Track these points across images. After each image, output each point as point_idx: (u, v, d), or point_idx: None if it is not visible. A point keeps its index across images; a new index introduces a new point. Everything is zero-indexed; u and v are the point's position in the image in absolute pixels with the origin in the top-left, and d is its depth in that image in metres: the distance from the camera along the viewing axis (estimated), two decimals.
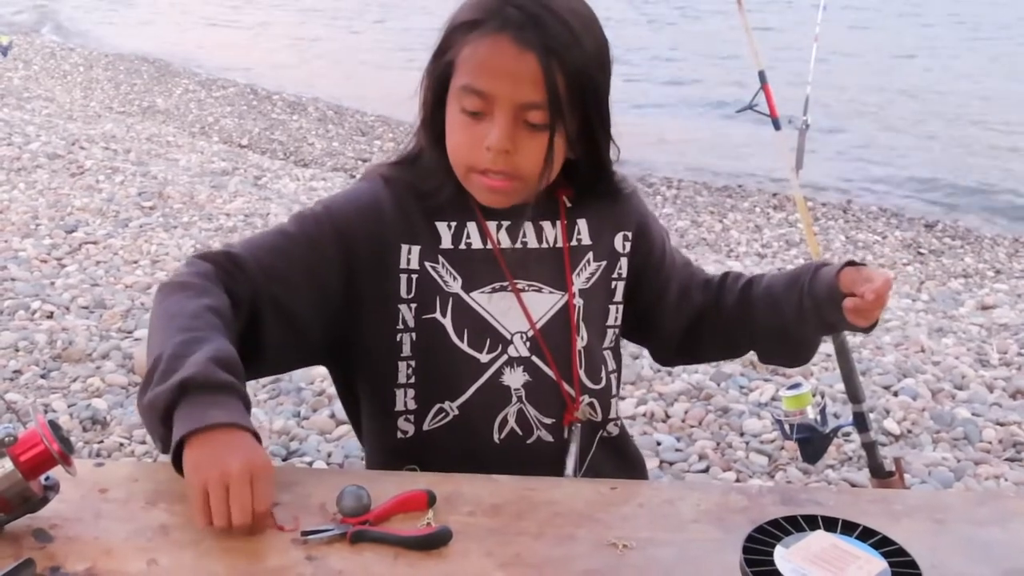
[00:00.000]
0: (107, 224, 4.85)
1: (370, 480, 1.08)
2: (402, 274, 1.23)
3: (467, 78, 1.15)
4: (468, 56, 1.15)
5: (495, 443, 1.25)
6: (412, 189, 1.25)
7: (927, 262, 5.76)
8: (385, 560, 0.98)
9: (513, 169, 1.16)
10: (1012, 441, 3.02)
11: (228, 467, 0.96)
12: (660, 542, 1.03)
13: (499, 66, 1.13)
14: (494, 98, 1.13)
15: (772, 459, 2.88)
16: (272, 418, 2.96)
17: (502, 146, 1.14)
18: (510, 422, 1.25)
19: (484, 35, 1.13)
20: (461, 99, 1.16)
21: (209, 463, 0.97)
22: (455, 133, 1.19)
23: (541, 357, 1.25)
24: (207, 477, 0.97)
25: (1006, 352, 3.83)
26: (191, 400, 1.01)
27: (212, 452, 0.98)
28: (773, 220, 6.49)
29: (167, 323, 1.10)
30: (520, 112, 1.14)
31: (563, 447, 1.26)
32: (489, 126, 1.14)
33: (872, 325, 1.23)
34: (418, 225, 1.24)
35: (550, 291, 1.26)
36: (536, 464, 1.22)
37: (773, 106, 2.45)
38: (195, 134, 8.27)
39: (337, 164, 7.62)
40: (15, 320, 3.56)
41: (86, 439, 2.80)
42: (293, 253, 1.20)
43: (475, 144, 1.16)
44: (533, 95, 1.13)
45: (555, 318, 1.26)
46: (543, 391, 1.25)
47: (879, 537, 0.94)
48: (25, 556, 0.95)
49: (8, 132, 6.78)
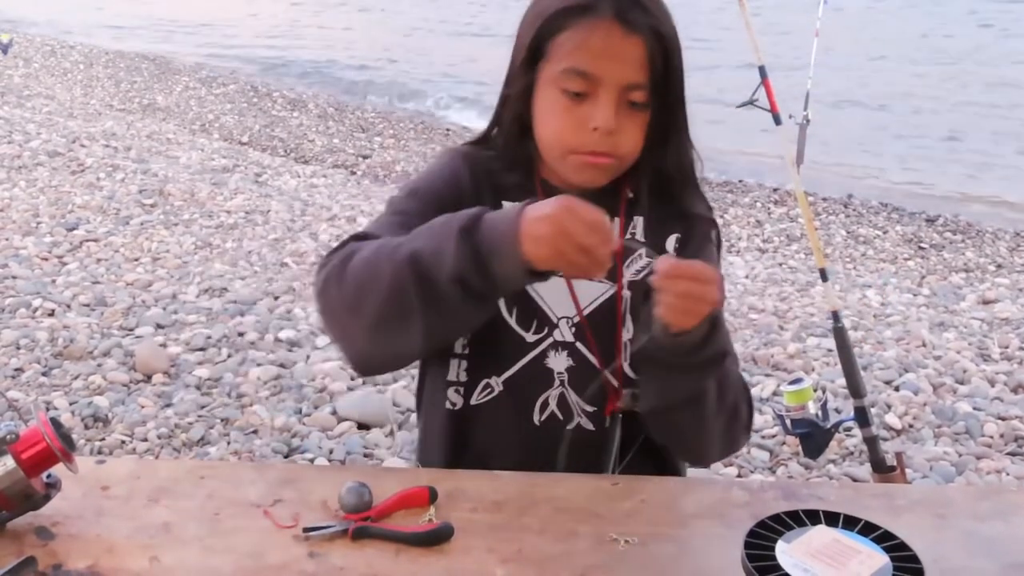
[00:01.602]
0: (108, 222, 4.86)
1: (372, 477, 1.08)
2: None
3: (571, 61, 1.17)
4: (572, 40, 1.17)
5: (535, 424, 1.26)
6: (485, 167, 1.29)
7: (928, 256, 5.75)
8: (387, 556, 0.98)
9: (614, 148, 1.19)
10: (1013, 435, 3.02)
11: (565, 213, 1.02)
12: (662, 537, 1.03)
13: (607, 49, 1.15)
14: (600, 79, 1.16)
15: (773, 454, 2.88)
16: (273, 415, 2.96)
17: (609, 125, 1.16)
18: (551, 405, 1.26)
19: (591, 20, 1.16)
20: (562, 81, 1.18)
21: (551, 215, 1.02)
22: (554, 116, 1.20)
23: (585, 344, 1.26)
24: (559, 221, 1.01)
25: (1007, 346, 3.83)
26: (483, 223, 1.07)
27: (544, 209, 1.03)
28: (774, 215, 6.48)
29: (379, 255, 1.10)
30: (623, 93, 1.17)
31: (602, 437, 1.26)
32: (592, 107, 1.17)
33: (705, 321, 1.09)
34: (487, 201, 1.26)
35: (600, 281, 1.27)
36: (574, 451, 1.23)
37: (774, 101, 2.45)
38: (196, 131, 8.27)
39: (338, 161, 7.62)
40: (16, 318, 3.57)
41: (88, 437, 2.80)
42: (412, 224, 1.19)
43: (579, 126, 1.18)
44: (637, 76, 1.16)
45: (602, 307, 1.27)
46: (586, 378, 1.25)
47: (881, 532, 0.94)
48: (27, 554, 0.95)
49: (9, 130, 6.78)
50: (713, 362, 1.15)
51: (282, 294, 3.94)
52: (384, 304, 1.08)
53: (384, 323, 1.10)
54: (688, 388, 1.16)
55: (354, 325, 1.13)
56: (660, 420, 1.22)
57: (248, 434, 2.87)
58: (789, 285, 4.67)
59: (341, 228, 5.02)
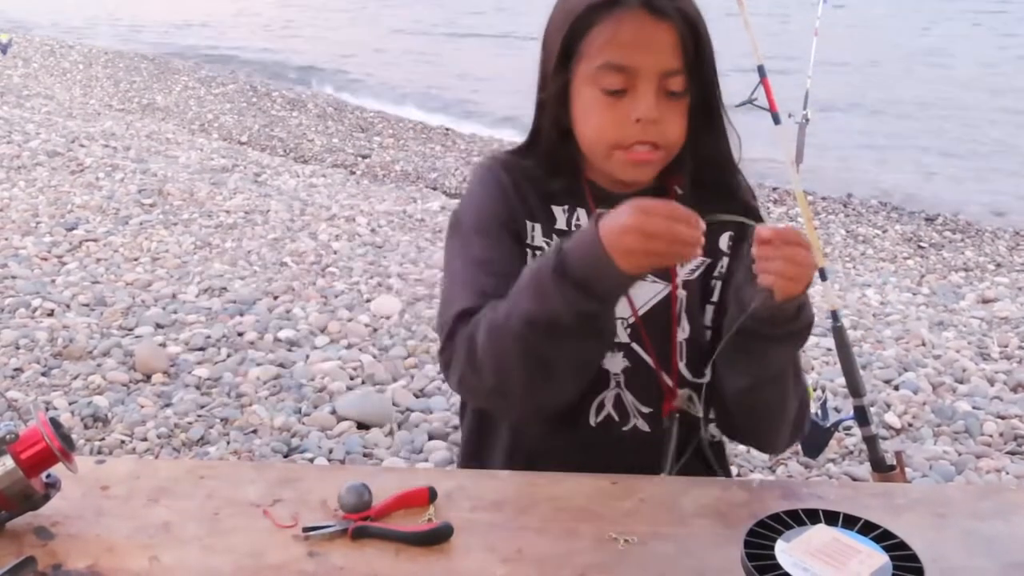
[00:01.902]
0: (107, 222, 4.86)
1: (371, 476, 1.08)
2: (528, 250, 1.26)
3: (605, 57, 1.16)
4: (603, 36, 1.16)
5: (591, 426, 1.25)
6: (527, 174, 1.28)
7: (928, 255, 5.75)
8: (386, 556, 0.98)
9: (660, 137, 1.18)
10: (1013, 434, 3.02)
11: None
12: (661, 537, 1.03)
13: (639, 39, 1.15)
14: (637, 71, 1.15)
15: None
16: (273, 415, 2.96)
17: (652, 115, 1.16)
18: (607, 406, 1.25)
19: (619, 13, 1.16)
20: (600, 79, 1.17)
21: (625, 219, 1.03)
22: (595, 115, 1.19)
23: (641, 344, 1.25)
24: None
25: (1007, 345, 3.83)
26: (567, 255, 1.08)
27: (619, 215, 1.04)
28: (774, 215, 6.48)
29: (511, 317, 1.11)
30: (662, 81, 1.16)
31: (659, 439, 1.26)
32: (632, 101, 1.16)
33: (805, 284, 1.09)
34: (535, 205, 1.27)
35: (654, 280, 1.26)
36: (630, 453, 1.23)
37: (772, 100, 2.44)
38: (195, 131, 8.27)
39: (337, 160, 7.62)
40: (16, 318, 3.57)
41: (87, 436, 2.80)
42: (497, 268, 1.22)
43: (622, 120, 1.17)
44: (673, 62, 1.16)
45: (657, 307, 1.26)
46: (641, 378, 1.25)
47: (880, 531, 0.94)
48: (27, 554, 0.95)
49: (8, 130, 6.78)
50: (807, 330, 1.15)
51: (281, 294, 3.94)
52: (526, 377, 1.12)
53: (534, 390, 1.14)
54: (780, 361, 1.17)
55: (508, 404, 1.18)
56: (744, 402, 1.21)
57: (248, 434, 2.87)
58: None
59: (340, 228, 5.02)
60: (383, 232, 5.08)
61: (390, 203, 5.82)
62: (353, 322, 3.68)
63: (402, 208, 5.70)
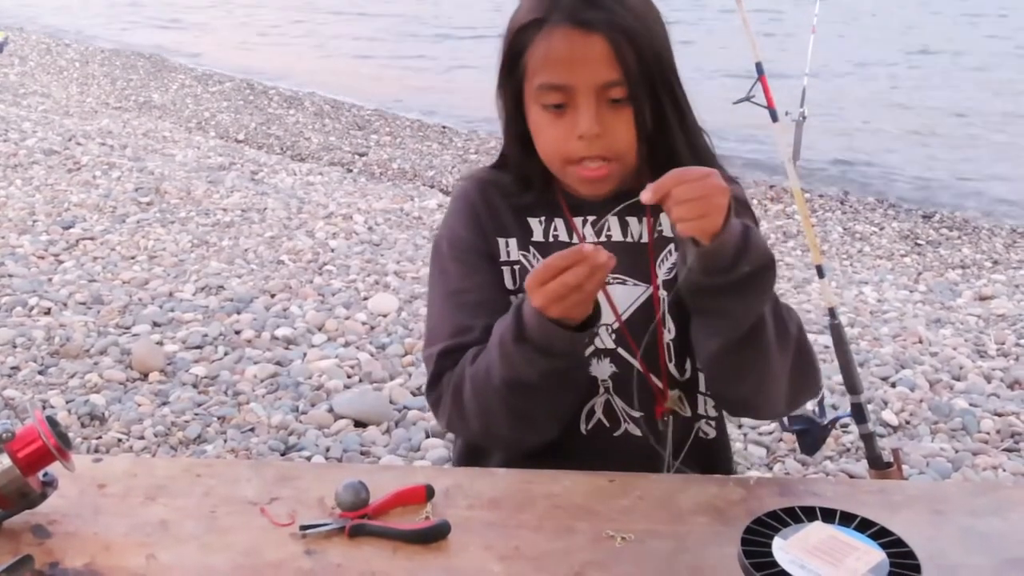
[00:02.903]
0: (104, 220, 4.85)
1: (368, 474, 1.08)
2: (504, 267, 1.28)
3: (542, 76, 1.17)
4: (537, 55, 1.17)
5: (582, 433, 1.26)
6: (500, 189, 1.29)
7: (925, 253, 5.76)
8: (384, 554, 0.98)
9: (607, 150, 1.18)
10: (1010, 431, 3.03)
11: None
12: (658, 534, 1.03)
13: (570, 55, 1.15)
14: (573, 87, 1.16)
15: (770, 451, 2.89)
16: (270, 413, 2.96)
17: (593, 130, 1.16)
18: (597, 412, 1.26)
19: (548, 31, 1.16)
20: (541, 98, 1.18)
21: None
22: (543, 132, 1.21)
23: (627, 349, 1.25)
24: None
25: (1004, 342, 3.83)
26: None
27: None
28: (771, 212, 6.48)
29: (489, 377, 1.16)
30: (601, 93, 1.16)
31: (651, 442, 1.25)
32: (574, 116, 1.16)
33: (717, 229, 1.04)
34: (509, 221, 1.28)
35: (635, 283, 1.26)
36: (624, 458, 1.22)
37: (770, 97, 2.44)
38: (192, 129, 8.26)
39: (334, 158, 7.61)
40: (12, 316, 3.56)
41: (84, 435, 2.80)
42: (471, 299, 1.25)
43: (566, 137, 1.18)
44: (609, 73, 1.15)
45: (640, 310, 1.26)
46: (630, 383, 1.25)
47: (877, 528, 0.94)
48: (24, 552, 0.95)
49: (4, 128, 6.77)
50: (761, 275, 1.09)
51: (278, 292, 3.94)
52: (510, 425, 1.18)
53: (518, 435, 1.21)
54: (744, 316, 1.11)
55: (496, 444, 1.28)
56: (723, 367, 1.18)
57: (245, 432, 2.86)
58: (786, 282, 4.67)
59: (337, 226, 5.02)
60: (380, 230, 5.08)
61: (387, 201, 5.81)
62: (350, 320, 3.67)
63: (399, 206, 5.70)
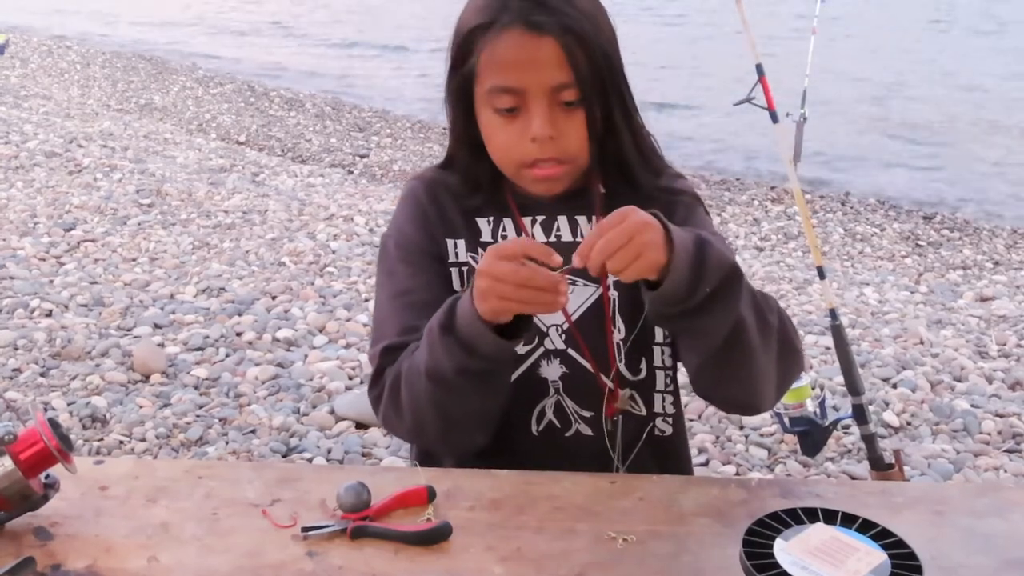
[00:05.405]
0: (105, 222, 4.85)
1: (370, 476, 1.09)
2: (452, 268, 1.27)
3: (493, 79, 1.16)
4: (487, 58, 1.16)
5: (533, 435, 1.26)
6: (448, 189, 1.28)
7: (925, 254, 5.75)
8: (385, 555, 0.98)
9: (561, 153, 1.18)
10: (1011, 432, 3.03)
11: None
12: (660, 536, 1.03)
13: (521, 58, 1.14)
14: (525, 90, 1.15)
15: (772, 452, 2.89)
16: (272, 414, 2.96)
17: (546, 133, 1.15)
18: (548, 414, 1.26)
19: (497, 33, 1.14)
20: (492, 101, 1.17)
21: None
22: (495, 135, 1.20)
23: (577, 349, 1.25)
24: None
25: (1005, 343, 3.83)
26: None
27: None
28: (771, 213, 6.48)
29: (419, 369, 1.15)
30: (553, 96, 1.15)
31: (603, 442, 1.26)
32: (527, 119, 1.16)
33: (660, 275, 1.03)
34: (457, 222, 1.27)
35: (584, 284, 1.26)
36: (576, 458, 1.23)
37: (771, 99, 2.44)
38: (193, 131, 8.26)
39: (335, 160, 7.61)
40: (14, 318, 3.56)
41: (86, 437, 2.80)
42: (417, 300, 1.24)
43: (519, 140, 1.17)
44: (561, 76, 1.14)
45: (590, 310, 1.26)
46: (581, 383, 1.25)
47: (879, 529, 0.94)
48: (26, 554, 0.95)
49: (6, 130, 6.77)
50: (724, 291, 1.06)
51: (280, 294, 3.94)
52: (436, 422, 1.16)
53: (445, 435, 1.19)
54: (718, 328, 1.09)
55: (428, 444, 1.28)
56: (711, 377, 1.17)
57: (246, 434, 2.86)
58: (787, 283, 4.67)
59: (338, 227, 5.02)
60: (381, 232, 5.07)
61: (388, 202, 5.81)
62: (351, 322, 3.68)
63: None
